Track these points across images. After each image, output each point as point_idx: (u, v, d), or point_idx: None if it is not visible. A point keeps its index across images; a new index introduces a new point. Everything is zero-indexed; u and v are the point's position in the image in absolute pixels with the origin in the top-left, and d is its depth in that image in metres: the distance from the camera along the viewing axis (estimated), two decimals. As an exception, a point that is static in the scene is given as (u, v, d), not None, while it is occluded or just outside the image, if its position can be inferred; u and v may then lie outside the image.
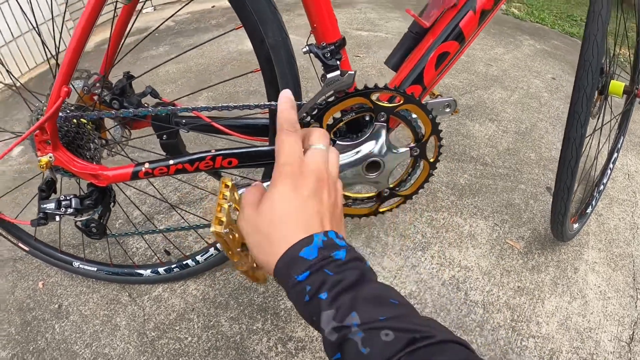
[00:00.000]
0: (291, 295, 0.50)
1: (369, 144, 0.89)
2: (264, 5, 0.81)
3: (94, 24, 0.82)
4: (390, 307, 0.47)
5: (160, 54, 2.82)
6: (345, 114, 0.88)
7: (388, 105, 0.85)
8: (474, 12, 0.89)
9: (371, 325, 0.44)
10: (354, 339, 0.44)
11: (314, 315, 0.48)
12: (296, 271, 0.49)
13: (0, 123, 2.28)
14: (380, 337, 0.43)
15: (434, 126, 0.89)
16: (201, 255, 1.29)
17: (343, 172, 0.91)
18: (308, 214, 0.53)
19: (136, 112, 0.91)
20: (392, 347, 0.42)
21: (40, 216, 1.02)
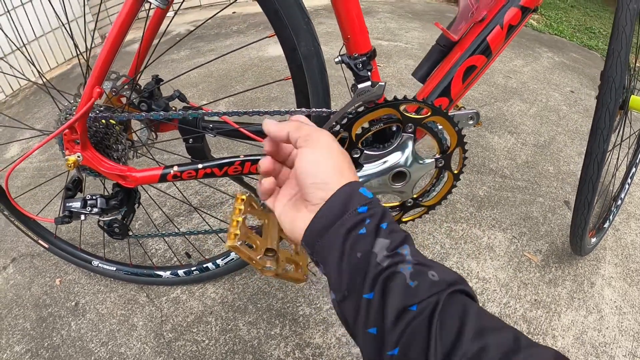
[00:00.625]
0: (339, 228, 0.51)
1: (396, 155, 0.90)
2: (297, 15, 0.82)
3: (129, 26, 0.83)
4: (430, 259, 0.50)
5: (181, 58, 2.85)
6: (374, 124, 0.89)
7: (416, 116, 0.86)
8: (501, 27, 0.90)
9: (421, 262, 0.47)
10: (404, 272, 0.46)
11: (362, 248, 0.49)
12: (358, 203, 0.51)
13: (22, 120, 2.31)
14: (427, 275, 0.46)
15: (459, 138, 0.90)
16: (222, 259, 1.30)
17: (369, 181, 0.91)
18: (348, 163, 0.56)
19: (166, 115, 0.92)
20: (437, 287, 0.45)
21: (65, 214, 1.03)
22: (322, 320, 1.28)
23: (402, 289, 0.45)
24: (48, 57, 2.84)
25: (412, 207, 1.00)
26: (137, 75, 1.04)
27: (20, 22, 2.57)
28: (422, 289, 0.45)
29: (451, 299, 0.45)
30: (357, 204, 0.51)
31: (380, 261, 0.47)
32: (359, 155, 0.90)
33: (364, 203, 0.51)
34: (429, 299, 0.44)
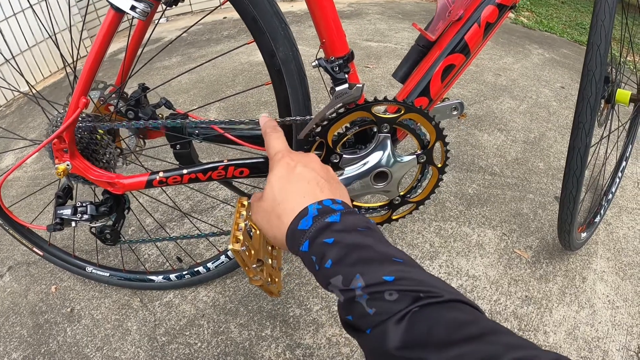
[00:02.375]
0: (306, 266, 0.54)
1: (374, 155, 0.91)
2: (274, 20, 0.84)
3: (111, 38, 0.85)
4: (394, 266, 0.48)
5: (172, 65, 2.86)
6: (349, 128, 0.90)
7: (389, 116, 0.87)
8: (478, 25, 0.91)
9: (375, 289, 0.46)
10: (360, 301, 0.46)
11: (325, 281, 0.50)
12: (299, 243, 0.53)
13: (16, 130, 2.33)
14: (384, 297, 0.45)
15: (437, 132, 0.90)
16: (212, 262, 1.32)
17: (351, 184, 0.93)
18: (305, 182, 0.58)
19: (147, 124, 0.93)
20: (397, 306, 0.44)
21: (57, 221, 1.04)
22: (313, 321, 1.29)
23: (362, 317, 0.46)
24: (41, 66, 2.86)
25: (400, 204, 1.01)
26: (123, 84, 1.05)
27: (13, 32, 2.58)
28: (380, 313, 0.45)
29: (418, 315, 0.43)
30: (298, 245, 0.53)
31: (339, 297, 0.49)
32: (339, 160, 0.91)
33: (303, 240, 0.53)
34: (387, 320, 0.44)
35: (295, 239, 0.54)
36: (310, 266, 0.53)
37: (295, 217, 0.55)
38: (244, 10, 0.83)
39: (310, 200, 0.56)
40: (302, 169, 0.61)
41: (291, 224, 0.55)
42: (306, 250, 0.52)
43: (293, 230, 0.54)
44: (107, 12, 0.82)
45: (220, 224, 1.61)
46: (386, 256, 0.49)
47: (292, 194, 0.58)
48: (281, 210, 0.57)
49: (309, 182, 0.59)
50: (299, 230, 0.54)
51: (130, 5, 0.79)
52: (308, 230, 0.53)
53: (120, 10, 0.80)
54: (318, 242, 0.51)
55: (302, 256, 0.53)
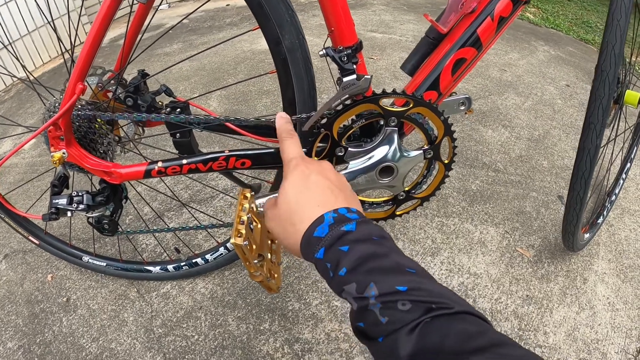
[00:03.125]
0: (319, 272, 0.55)
1: (381, 149, 0.88)
2: (281, 7, 0.81)
3: (109, 23, 0.82)
4: (407, 276, 0.49)
5: (174, 51, 2.83)
6: (356, 121, 0.88)
7: (397, 109, 0.85)
8: (492, 18, 0.88)
9: (388, 298, 0.47)
10: (374, 309, 0.47)
11: (339, 288, 0.51)
12: (314, 250, 0.54)
13: (14, 117, 2.31)
14: (397, 306, 0.46)
15: (446, 127, 0.88)
16: (211, 254, 1.30)
17: (356, 178, 0.91)
18: (320, 190, 0.59)
19: (149, 118, 0.91)
20: (410, 316, 0.45)
21: (52, 211, 1.03)
22: (312, 316, 1.28)
23: (375, 325, 0.47)
24: (41, 51, 2.83)
25: (405, 199, 0.99)
26: (122, 69, 1.03)
27: (13, 16, 2.55)
28: (393, 322, 0.45)
29: (425, 326, 0.44)
30: (313, 252, 0.54)
31: (352, 305, 0.50)
32: (344, 152, 0.89)
33: (319, 248, 0.54)
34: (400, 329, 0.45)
35: (311, 246, 0.55)
36: (324, 273, 0.53)
37: (310, 224, 0.56)
38: (249, -6, 0.80)
39: (326, 209, 0.56)
40: (317, 177, 0.61)
41: (306, 231, 0.56)
42: (321, 258, 0.53)
43: (309, 237, 0.55)
44: (107, -5, 0.79)
45: (219, 215, 1.59)
46: (400, 266, 0.50)
47: (308, 202, 0.58)
48: (297, 218, 0.58)
49: (324, 191, 0.60)
50: (314, 237, 0.54)
51: (132, -13, 0.76)
52: (324, 238, 0.54)
53: (120, -7, 0.77)
54: (334, 249, 0.52)
55: (317, 263, 0.54)
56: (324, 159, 0.92)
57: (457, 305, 0.46)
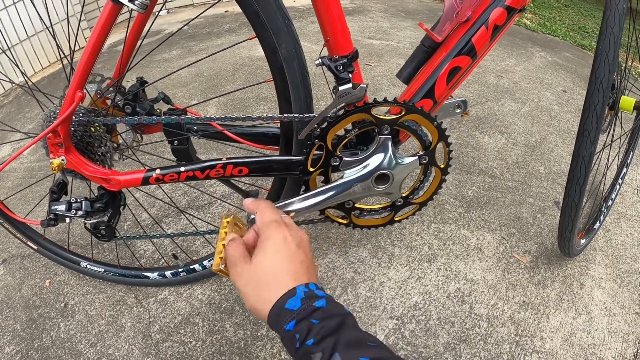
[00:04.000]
0: (284, 342, 0.57)
1: (375, 158, 0.89)
2: (277, 16, 0.82)
3: (109, 31, 0.83)
4: (369, 349, 0.52)
5: (172, 57, 2.84)
6: (349, 131, 0.89)
7: (389, 117, 0.86)
8: (486, 27, 0.89)
9: None
10: None
11: (307, 358, 0.53)
12: (284, 321, 0.56)
13: (13, 121, 2.31)
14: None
15: (440, 133, 0.89)
16: (208, 260, 1.30)
17: (352, 187, 0.92)
18: (296, 263, 0.62)
19: (145, 120, 0.92)
20: None
21: (51, 217, 1.03)
22: (309, 322, 1.28)
23: None
24: (40, 56, 2.83)
25: (403, 205, 1.00)
26: (120, 77, 1.04)
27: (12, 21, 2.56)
28: None
29: None
30: (283, 323, 0.56)
31: None
32: (339, 162, 0.90)
33: (289, 319, 0.56)
34: None
35: (281, 317, 0.57)
36: (290, 343, 0.56)
37: (282, 295, 0.58)
38: (246, 3, 0.81)
39: (297, 282, 0.59)
40: (297, 250, 0.64)
41: (278, 302, 0.58)
42: (290, 329, 0.56)
43: (279, 308, 0.57)
44: (105, 4, 0.80)
45: (217, 221, 1.60)
46: (362, 340, 0.54)
47: (282, 272, 0.60)
48: (271, 284, 0.60)
49: (301, 264, 0.62)
50: (285, 309, 0.57)
51: (130, -4, 0.77)
52: (296, 312, 0.56)
53: (118, 2, 0.78)
54: (305, 322, 0.55)
55: (284, 334, 0.56)
56: (320, 168, 0.93)
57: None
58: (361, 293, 1.36)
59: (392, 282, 1.39)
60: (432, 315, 1.30)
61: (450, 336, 1.25)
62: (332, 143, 0.88)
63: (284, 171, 0.95)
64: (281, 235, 0.64)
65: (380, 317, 1.29)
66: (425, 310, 1.32)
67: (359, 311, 1.31)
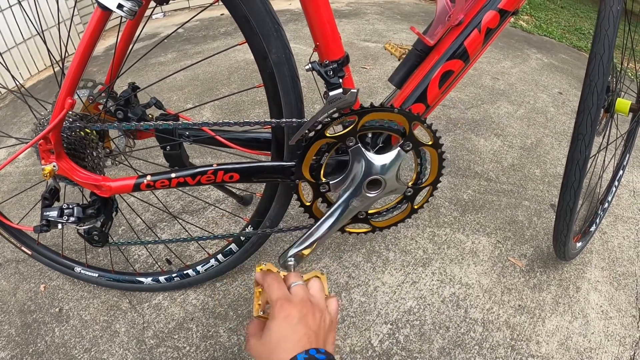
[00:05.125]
0: None
1: (354, 170, 0.90)
2: (267, 21, 0.81)
3: (98, 37, 0.82)
4: None
5: (168, 61, 2.84)
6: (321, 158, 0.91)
7: (341, 133, 0.86)
8: (479, 30, 0.89)
9: None
10: None
11: None
12: None
13: (9, 125, 2.30)
14: None
15: (407, 116, 0.87)
16: (202, 265, 1.30)
17: (350, 204, 0.92)
18: (298, 337, 0.67)
19: (138, 127, 0.91)
20: None
21: (43, 223, 1.02)
22: (304, 327, 1.28)
23: None
24: (36, 59, 2.83)
25: (415, 193, 0.99)
26: (112, 83, 1.03)
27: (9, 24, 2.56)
28: None
29: None
30: None
31: None
32: (328, 188, 0.91)
33: None
34: None
35: None
36: None
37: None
38: (234, 8, 0.81)
39: (299, 350, 0.65)
40: (297, 325, 0.69)
41: None
42: None
43: None
44: (94, 11, 0.80)
45: (211, 226, 1.59)
46: None
47: (286, 344, 0.66)
48: (274, 356, 0.66)
49: (302, 336, 0.67)
50: None
51: (117, 3, 0.76)
52: None
53: (107, 9, 0.78)
54: None
55: None
56: (314, 201, 0.97)
57: None
58: (355, 298, 1.35)
59: (387, 287, 1.39)
60: (426, 320, 1.30)
61: (445, 341, 1.25)
62: (311, 175, 0.91)
63: (275, 176, 0.95)
64: (283, 314, 0.70)
65: (374, 322, 1.29)
66: (420, 315, 1.31)
67: (353, 316, 1.30)
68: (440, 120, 2.20)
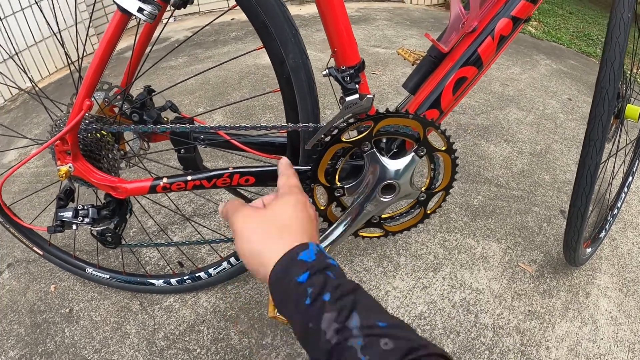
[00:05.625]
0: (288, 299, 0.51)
1: (370, 173, 0.90)
2: (285, 27, 0.82)
3: (118, 40, 0.84)
4: (387, 315, 0.48)
5: (179, 65, 2.86)
6: (336, 163, 0.91)
7: (358, 137, 0.87)
8: (492, 38, 0.90)
9: (371, 332, 0.45)
10: (354, 346, 0.44)
11: (311, 320, 0.48)
12: (296, 273, 0.51)
13: (20, 126, 2.32)
14: (379, 345, 0.44)
15: (421, 121, 0.88)
16: (214, 268, 1.30)
17: (365, 208, 0.93)
18: (310, 222, 0.59)
19: (155, 129, 0.92)
20: (391, 356, 0.43)
21: (57, 223, 1.03)
22: (314, 331, 1.28)
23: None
24: (47, 62, 2.85)
25: (429, 198, 1.00)
26: (128, 86, 1.04)
27: (20, 27, 2.58)
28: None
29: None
30: (295, 274, 0.51)
31: (330, 338, 0.46)
32: (342, 192, 0.92)
33: (303, 270, 0.51)
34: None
35: (293, 267, 0.52)
36: (299, 299, 0.50)
37: (296, 246, 0.54)
38: (253, 14, 0.81)
39: (310, 240, 0.56)
40: (310, 211, 0.62)
41: (292, 250, 0.53)
42: (303, 282, 0.50)
43: (291, 259, 0.53)
44: (114, 14, 0.81)
45: (222, 229, 1.60)
46: (379, 307, 0.50)
47: (298, 226, 0.58)
48: (285, 233, 0.56)
49: (311, 224, 0.60)
50: (299, 260, 0.52)
51: (138, 7, 0.78)
52: (311, 263, 0.52)
53: (127, 12, 0.79)
54: (321, 274, 0.51)
55: (293, 287, 0.51)
56: (328, 205, 0.97)
57: (432, 346, 0.45)
58: (366, 302, 1.35)
59: (398, 292, 1.39)
60: (437, 324, 1.30)
61: (456, 346, 1.25)
62: (326, 179, 0.91)
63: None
64: (304, 198, 0.63)
65: (385, 326, 1.29)
66: (431, 319, 1.31)
67: (363, 320, 1.31)
68: (451, 126, 2.20)
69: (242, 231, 0.59)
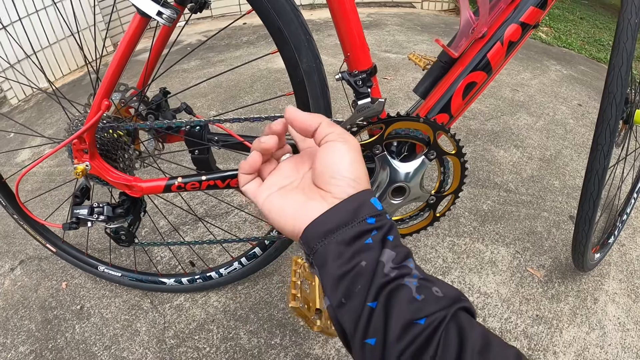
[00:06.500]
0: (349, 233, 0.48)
1: (381, 176, 0.91)
2: (299, 32, 0.84)
3: (137, 43, 0.86)
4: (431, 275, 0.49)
5: (191, 68, 2.89)
6: None
7: (369, 140, 0.87)
8: (501, 43, 0.91)
9: (424, 277, 0.47)
10: (409, 285, 0.45)
11: (366, 258, 0.47)
12: (368, 213, 0.49)
13: (33, 126, 2.36)
14: (432, 290, 0.45)
15: (432, 125, 0.88)
16: (225, 268, 1.32)
17: None
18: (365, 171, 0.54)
19: (170, 124, 0.94)
20: (443, 302, 0.44)
21: (73, 221, 1.05)
22: (323, 331, 1.29)
23: (408, 302, 0.44)
24: (61, 63, 2.89)
25: (438, 200, 1.01)
26: (145, 87, 1.06)
27: (34, 29, 2.62)
28: (429, 303, 0.44)
29: (455, 316, 0.44)
30: (366, 214, 0.49)
31: (388, 272, 0.46)
32: None
33: (373, 214, 0.50)
34: (435, 314, 0.43)
35: (363, 208, 0.50)
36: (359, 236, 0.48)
37: (366, 190, 0.52)
38: (269, 19, 0.83)
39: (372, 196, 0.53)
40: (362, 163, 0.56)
41: (364, 192, 0.51)
42: (373, 222, 0.49)
43: (364, 199, 0.50)
44: (133, 17, 0.83)
45: (234, 230, 1.62)
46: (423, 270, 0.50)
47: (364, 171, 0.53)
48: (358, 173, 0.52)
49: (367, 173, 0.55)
50: (370, 202, 0.50)
51: (157, 11, 0.80)
52: (380, 210, 0.50)
53: (146, 16, 0.81)
54: (385, 217, 0.50)
55: (359, 223, 0.49)
56: None
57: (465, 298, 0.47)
58: (374, 304, 1.36)
59: (406, 294, 1.39)
60: (444, 327, 1.30)
61: (463, 349, 1.25)
62: None
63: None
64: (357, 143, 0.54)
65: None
66: (438, 322, 1.32)
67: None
68: (461, 131, 2.21)
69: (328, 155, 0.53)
